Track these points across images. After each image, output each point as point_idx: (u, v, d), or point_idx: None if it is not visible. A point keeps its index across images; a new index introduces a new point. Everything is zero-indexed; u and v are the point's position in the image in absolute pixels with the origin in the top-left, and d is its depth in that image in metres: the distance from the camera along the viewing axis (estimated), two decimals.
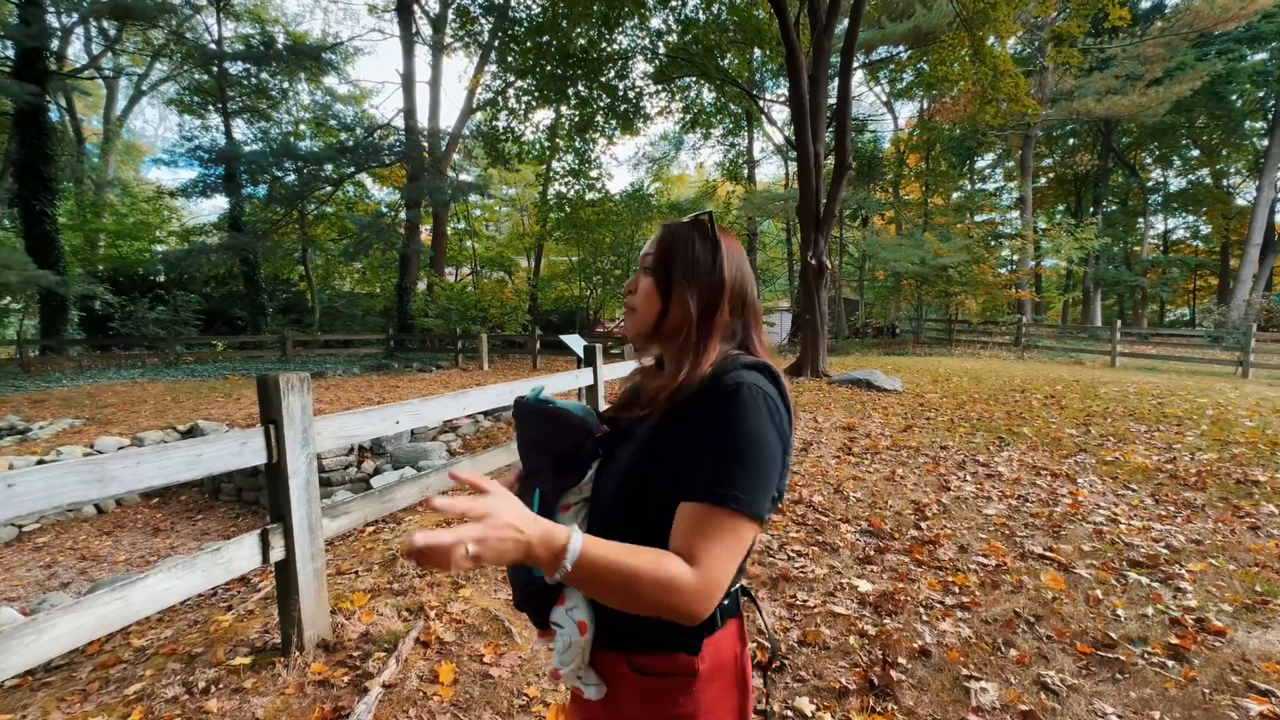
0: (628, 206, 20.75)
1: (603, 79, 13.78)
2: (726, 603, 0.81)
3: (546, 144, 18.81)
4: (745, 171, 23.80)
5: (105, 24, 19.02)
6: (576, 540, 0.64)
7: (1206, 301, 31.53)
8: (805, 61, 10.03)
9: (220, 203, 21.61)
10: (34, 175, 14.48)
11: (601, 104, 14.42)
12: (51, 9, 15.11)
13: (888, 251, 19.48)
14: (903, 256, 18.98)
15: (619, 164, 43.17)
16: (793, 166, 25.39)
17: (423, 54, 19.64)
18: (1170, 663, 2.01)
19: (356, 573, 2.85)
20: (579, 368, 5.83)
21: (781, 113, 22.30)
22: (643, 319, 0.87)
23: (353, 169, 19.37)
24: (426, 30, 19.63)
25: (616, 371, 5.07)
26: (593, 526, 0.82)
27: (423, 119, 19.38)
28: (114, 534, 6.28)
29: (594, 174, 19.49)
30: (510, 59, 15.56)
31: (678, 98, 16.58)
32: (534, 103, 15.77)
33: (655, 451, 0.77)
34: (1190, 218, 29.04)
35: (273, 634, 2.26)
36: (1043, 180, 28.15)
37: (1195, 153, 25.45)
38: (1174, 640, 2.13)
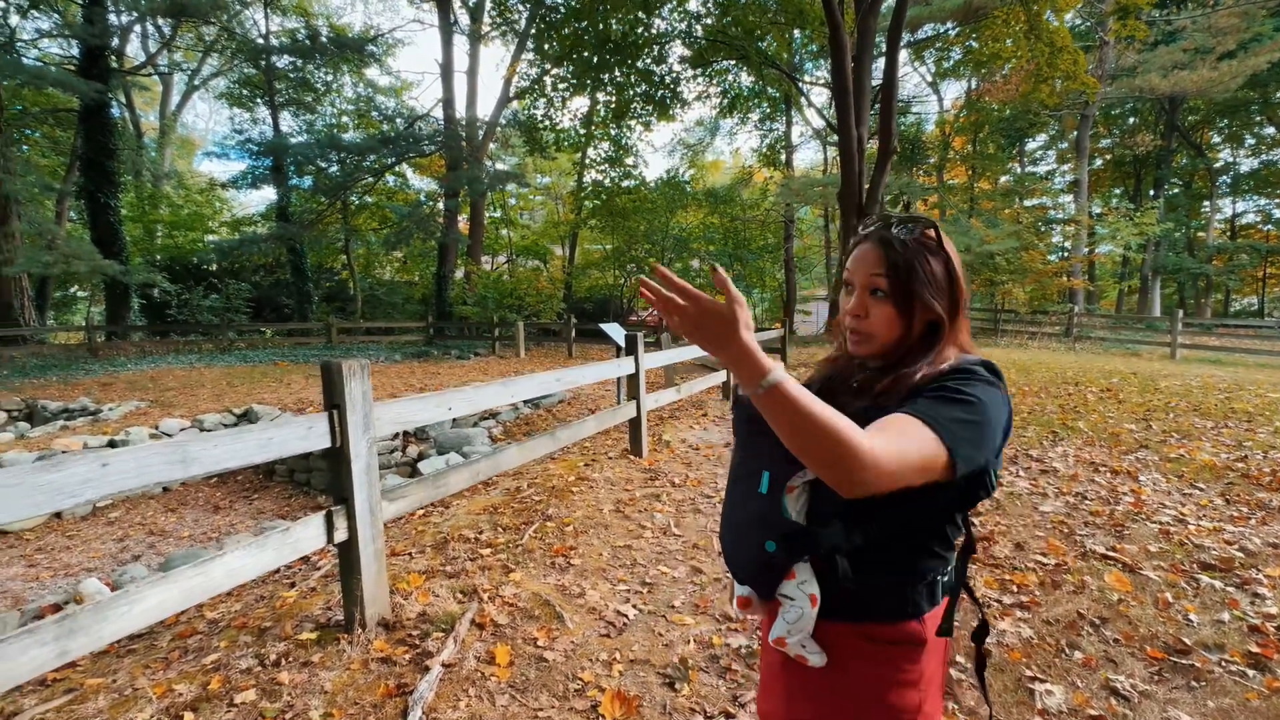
0: (662, 194, 20.62)
1: (639, 64, 13.65)
2: (945, 579, 0.90)
3: (582, 131, 18.79)
4: (783, 157, 23.33)
5: (161, 22, 19.76)
6: (780, 369, 0.70)
7: (1279, 290, 29.59)
8: (849, 42, 9.73)
9: (268, 194, 22.36)
10: (99, 169, 15.23)
11: (638, 90, 14.30)
12: (112, 9, 15.76)
13: None
14: None
15: (654, 150, 42.86)
16: (832, 151, 24.76)
17: (460, 44, 19.78)
18: (1251, 672, 1.92)
19: (410, 554, 2.94)
20: (618, 356, 5.85)
21: (821, 96, 21.72)
22: (884, 344, 0.90)
23: (393, 159, 19.75)
24: (465, 20, 19.76)
25: (657, 360, 5.07)
26: (820, 510, 0.87)
27: (460, 109, 19.58)
28: (178, 511, 6.62)
29: (630, 161, 19.41)
30: (547, 46, 15.54)
31: (715, 82, 16.30)
32: (571, 90, 15.75)
33: None
34: (1262, 200, 27.21)
35: (335, 611, 2.35)
36: (1099, 162, 26.74)
37: (1270, 130, 23.79)
38: (1254, 649, 2.02)
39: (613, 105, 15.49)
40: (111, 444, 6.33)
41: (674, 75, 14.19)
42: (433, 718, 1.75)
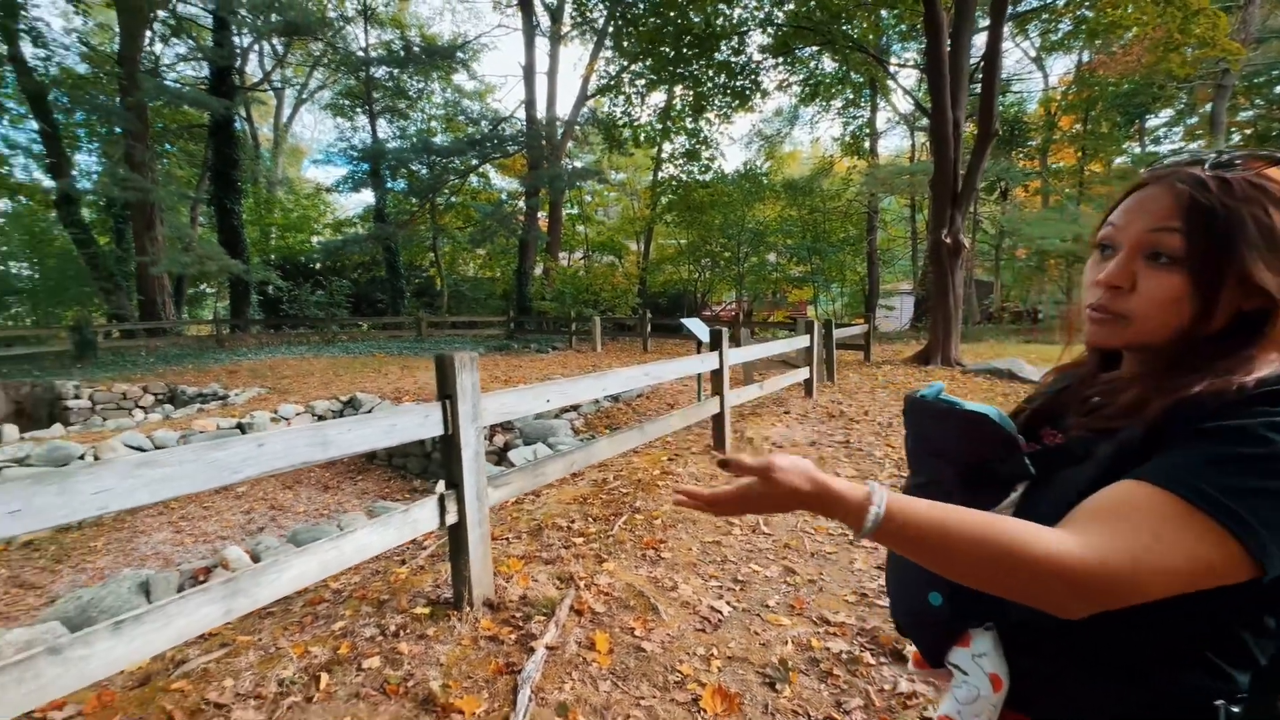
0: (739, 187, 20.29)
1: (718, 56, 13.46)
2: (1235, 711, 0.58)
3: (659, 126, 18.82)
4: (867, 144, 22.32)
5: (276, 41, 21.59)
6: (881, 492, 0.58)
7: None
8: (946, 18, 9.14)
9: (365, 196, 24.00)
10: (225, 178, 16.90)
11: (717, 82, 14.12)
12: (236, 32, 17.40)
13: (1032, 227, 17.47)
14: (1050, 232, 16.92)
15: (732, 142, 42.13)
16: (921, 137, 23.42)
17: (541, 45, 20.33)
18: None
19: (507, 539, 3.07)
20: (699, 352, 5.82)
21: (910, 78, 20.57)
22: (1157, 329, 0.63)
23: (478, 161, 20.62)
24: (546, 22, 20.27)
25: (740, 356, 5.01)
26: None
27: (541, 109, 20.13)
28: (294, 488, 7.27)
29: (707, 154, 19.24)
30: (626, 43, 15.65)
31: (796, 70, 15.81)
32: (648, 85, 15.80)
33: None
34: None
35: (443, 589, 2.50)
36: (1237, 137, 23.64)
37: None
38: None
39: (691, 99, 15.39)
40: (239, 427, 7.03)
41: (754, 65, 13.89)
42: (540, 697, 1.83)
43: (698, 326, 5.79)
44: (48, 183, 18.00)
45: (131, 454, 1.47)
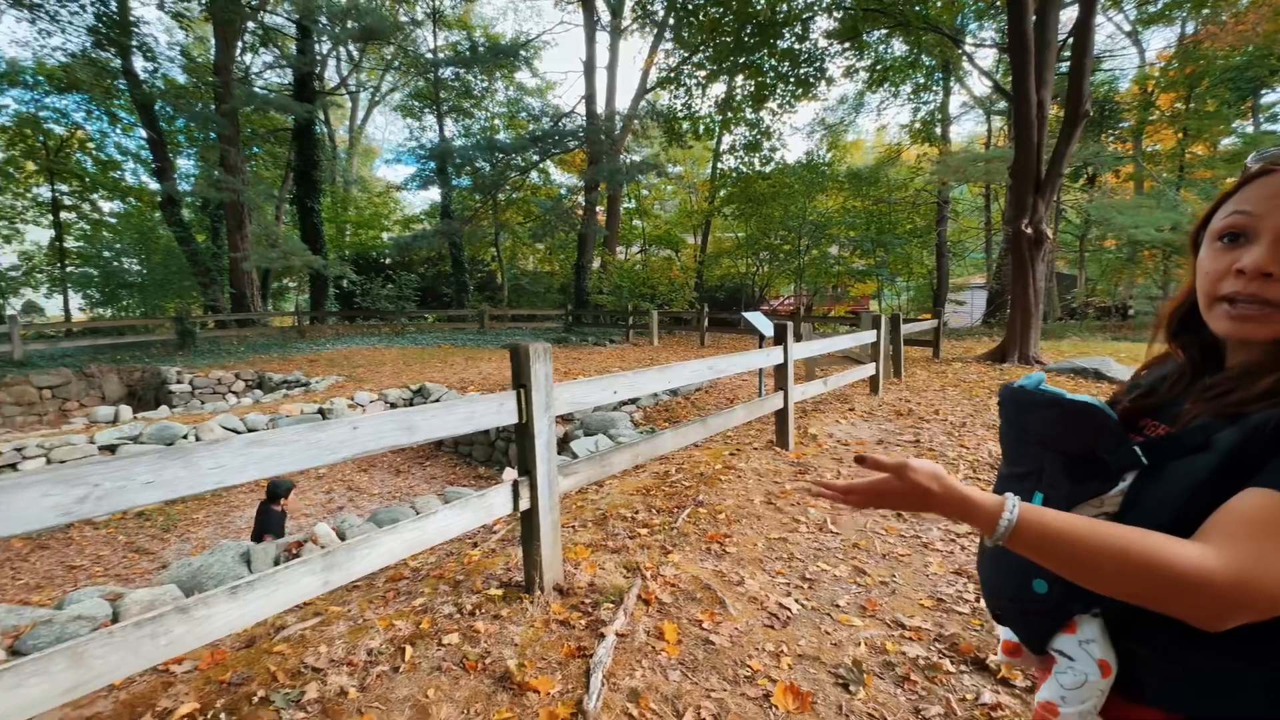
0: (800, 178, 19.78)
1: (781, 44, 13.14)
2: None
3: (719, 118, 18.59)
4: (938, 131, 21.25)
5: (352, 47, 22.68)
6: (1013, 501, 0.60)
7: None
8: None
9: (432, 194, 24.96)
10: (306, 179, 17.96)
11: (780, 70, 13.78)
12: (316, 40, 18.40)
13: (1125, 215, 16.14)
14: (1145, 220, 15.58)
15: (795, 131, 41.11)
16: (997, 122, 22.11)
17: (601, 40, 20.46)
18: None
19: (573, 527, 3.13)
20: (761, 346, 5.73)
21: (988, 58, 19.42)
22: None
23: (539, 157, 21.00)
24: (606, 17, 20.36)
25: (804, 351, 4.89)
26: None
27: (600, 104, 20.28)
28: (369, 471, 7.69)
29: (768, 145, 18.86)
30: (686, 34, 15.52)
31: (863, 54, 15.22)
32: (709, 76, 15.62)
33: (1254, 470, 0.58)
34: None
35: (514, 573, 2.58)
36: None
37: None
38: None
39: (751, 89, 15.12)
40: (321, 412, 7.49)
41: (818, 51, 13.47)
42: (612, 682, 1.86)
43: (760, 320, 5.70)
44: (154, 185, 19.69)
45: (242, 434, 1.60)
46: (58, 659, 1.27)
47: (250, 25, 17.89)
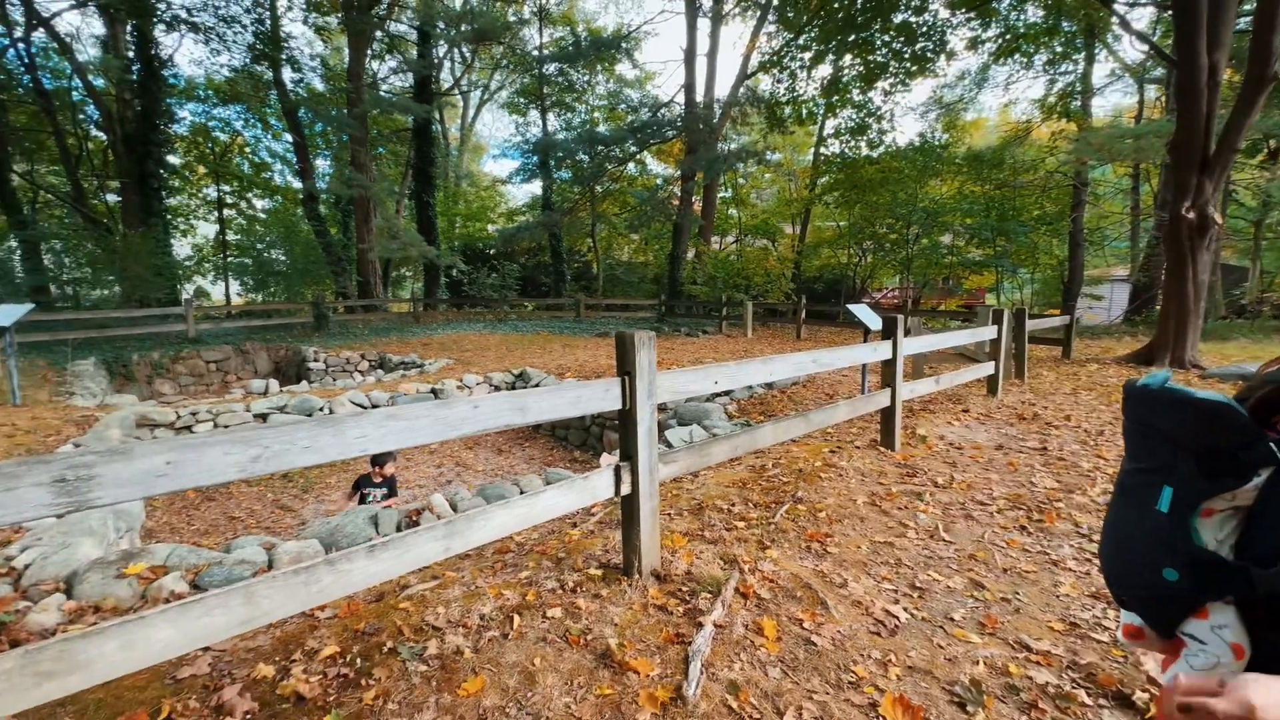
0: (912, 162, 18.48)
1: (896, 18, 12.28)
2: None
3: (823, 101, 17.77)
4: (1077, 104, 19.01)
5: (465, 49, 24.00)
6: None
7: None
8: None
9: (533, 187, 25.98)
10: (423, 175, 19.31)
11: (894, 47, 12.90)
12: (434, 44, 19.65)
13: None
14: None
15: (907, 112, 38.30)
16: (1152, 92, 19.44)
17: (702, 27, 20.18)
18: None
19: (669, 515, 3.16)
20: (866, 340, 5.45)
21: (1143, 19, 17.08)
22: None
23: (637, 148, 21.19)
24: (708, 3, 20.07)
25: (915, 347, 4.59)
26: (1258, 545, 0.72)
27: (699, 92, 20.07)
28: (474, 449, 8.19)
29: (876, 128, 17.78)
30: (791, 14, 14.93)
31: (991, 23, 13.87)
32: (814, 58, 14.95)
33: None
34: None
35: (612, 555, 2.65)
36: None
37: None
38: None
39: (860, 69, 14.27)
40: (433, 392, 8.06)
41: (939, 24, 12.44)
42: (711, 671, 1.86)
43: (866, 313, 5.42)
44: (297, 184, 22.03)
45: (381, 408, 1.76)
46: (235, 596, 1.46)
47: (379, 34, 19.43)
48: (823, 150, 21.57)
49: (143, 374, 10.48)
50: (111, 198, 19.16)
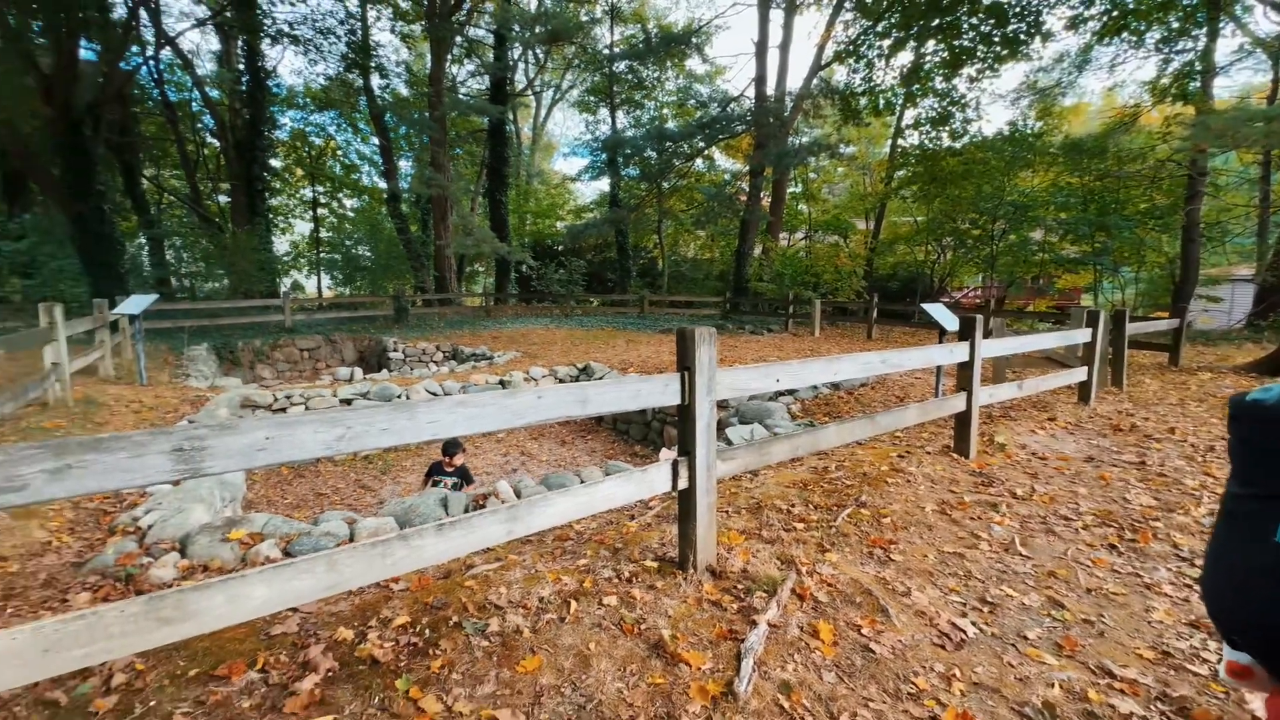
0: (1000, 152, 17.31)
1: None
2: None
3: (902, 90, 16.97)
4: (1196, 85, 17.15)
5: (538, 50, 24.62)
6: None
7: None
8: None
9: (601, 184, 26.32)
10: (497, 174, 20.01)
11: (982, 30, 12.12)
12: (510, 46, 20.29)
13: None
14: None
15: (994, 99, 35.89)
16: None
17: (775, 19, 19.75)
18: None
19: (726, 512, 3.15)
20: (941, 340, 5.19)
21: None
22: None
23: (705, 143, 21.03)
24: None
25: (996, 349, 4.33)
26: None
27: (770, 85, 19.65)
28: (538, 439, 8.44)
29: (960, 117, 16.79)
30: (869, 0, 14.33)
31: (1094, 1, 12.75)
32: (894, 46, 14.29)
33: None
34: None
35: (668, 548, 2.67)
36: None
37: None
38: None
39: (945, 55, 13.50)
40: (501, 383, 8.37)
41: (1034, 3, 11.57)
42: (763, 670, 1.85)
43: (942, 313, 5.16)
44: (382, 184, 23.39)
45: (452, 395, 1.87)
46: (320, 562, 1.60)
47: (458, 39, 20.27)
48: (900, 142, 20.61)
49: (246, 359, 11.48)
50: (222, 199, 21.08)
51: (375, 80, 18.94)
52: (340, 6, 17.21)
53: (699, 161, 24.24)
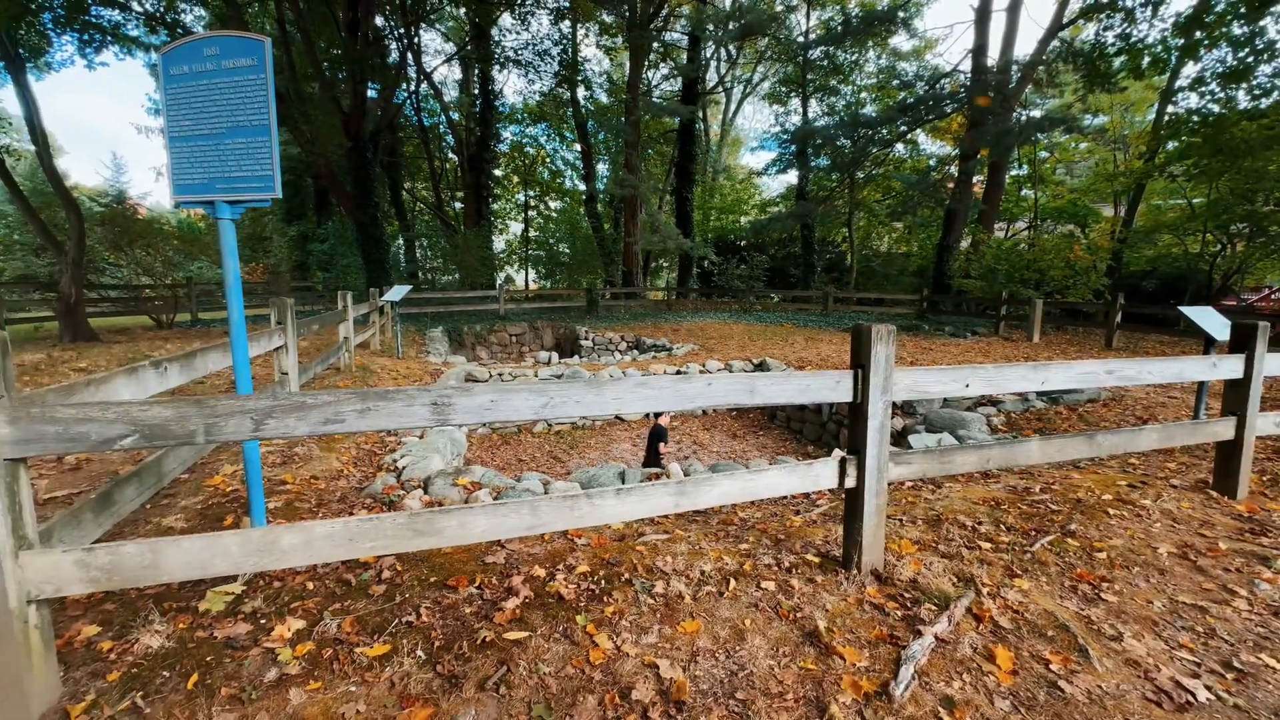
0: None
1: None
2: None
3: (1177, 43, 13.70)
4: None
5: (730, 47, 24.70)
6: None
7: None
8: None
9: (788, 177, 25.58)
10: (684, 172, 20.63)
11: None
12: (703, 46, 20.69)
13: None
14: None
15: None
16: None
17: None
18: None
19: (900, 520, 3.00)
20: (1207, 352, 4.25)
21: None
22: None
23: (907, 127, 19.27)
24: None
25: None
26: None
27: (992, 55, 17.27)
28: (710, 430, 8.66)
29: (1265, 70, 13.03)
30: None
31: None
32: None
33: None
34: None
35: (832, 547, 2.65)
36: None
37: None
38: None
39: None
40: (678, 373, 8.74)
41: None
42: (924, 680, 1.79)
43: (1209, 318, 4.19)
44: (582, 187, 25.58)
45: (632, 376, 2.11)
46: (524, 506, 1.95)
47: (654, 45, 21.25)
48: (1170, 107, 16.66)
49: (469, 341, 13.55)
50: (458, 205, 24.92)
51: (580, 92, 20.79)
52: (555, 29, 19.18)
53: (900, 147, 22.28)
